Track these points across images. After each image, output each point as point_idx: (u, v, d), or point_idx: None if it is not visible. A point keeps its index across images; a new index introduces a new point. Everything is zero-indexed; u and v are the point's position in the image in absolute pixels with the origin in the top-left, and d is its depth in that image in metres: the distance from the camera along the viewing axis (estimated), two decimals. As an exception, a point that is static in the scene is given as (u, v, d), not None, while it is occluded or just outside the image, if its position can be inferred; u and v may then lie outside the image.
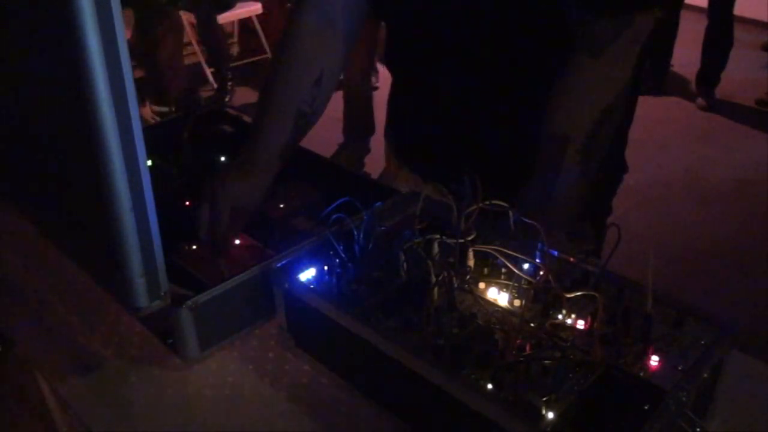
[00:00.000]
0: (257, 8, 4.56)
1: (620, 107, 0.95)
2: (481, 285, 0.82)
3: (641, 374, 0.68)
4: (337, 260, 0.84)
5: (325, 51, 1.08)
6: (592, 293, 0.74)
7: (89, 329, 0.95)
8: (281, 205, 1.12)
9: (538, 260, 0.81)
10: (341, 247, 0.85)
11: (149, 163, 0.72)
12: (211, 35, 4.32)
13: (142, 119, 1.78)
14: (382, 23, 3.75)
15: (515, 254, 0.81)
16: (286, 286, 0.84)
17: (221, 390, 0.84)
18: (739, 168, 3.53)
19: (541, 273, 0.79)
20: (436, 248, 0.84)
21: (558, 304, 0.76)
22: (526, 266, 0.81)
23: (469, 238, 0.84)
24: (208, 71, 4.47)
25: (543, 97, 0.95)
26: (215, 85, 4.41)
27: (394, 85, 1.23)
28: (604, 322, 0.73)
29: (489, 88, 1.04)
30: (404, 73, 1.18)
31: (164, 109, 3.89)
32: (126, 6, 3.47)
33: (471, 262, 0.83)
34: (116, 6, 0.61)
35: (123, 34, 0.63)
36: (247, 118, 1.33)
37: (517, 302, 0.79)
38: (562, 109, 0.95)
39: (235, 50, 4.98)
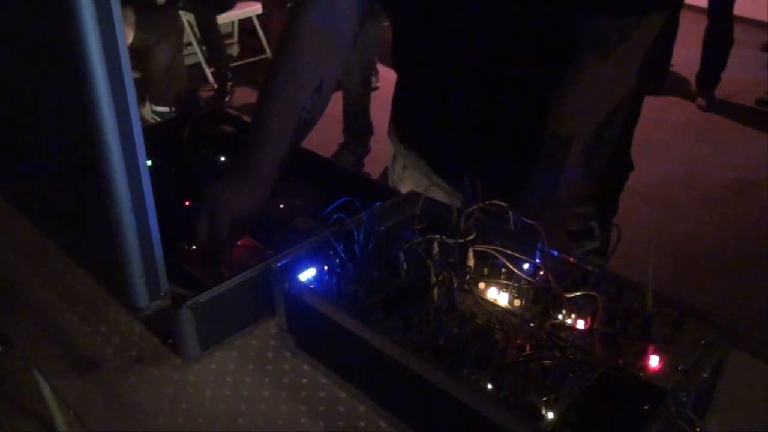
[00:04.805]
0: (257, 8, 4.57)
1: (625, 108, 0.95)
2: (481, 285, 0.82)
3: (641, 374, 0.68)
4: (337, 260, 0.84)
5: (327, 56, 1.06)
6: (592, 293, 0.74)
7: (89, 329, 0.95)
8: (281, 205, 1.11)
9: (538, 260, 0.81)
10: (341, 247, 0.85)
11: (149, 163, 0.72)
12: (210, 35, 4.32)
13: (142, 119, 1.77)
14: (384, 23, 3.73)
15: (515, 254, 0.81)
16: (286, 286, 0.84)
17: (221, 390, 0.84)
18: (739, 168, 3.53)
19: (541, 273, 0.79)
20: (436, 248, 0.84)
21: (558, 304, 0.76)
22: (526, 266, 0.81)
23: (469, 238, 0.84)
24: (208, 71, 4.47)
25: (548, 93, 0.95)
26: (215, 85, 4.41)
27: (400, 83, 1.22)
28: (604, 322, 0.73)
29: (494, 84, 1.03)
30: (410, 69, 1.17)
31: (164, 109, 3.88)
32: (126, 6, 3.47)
33: (471, 262, 0.83)
34: (116, 6, 0.61)
35: (123, 34, 0.63)
36: (247, 118, 1.32)
37: (517, 302, 0.79)
38: (567, 109, 0.95)
39: (235, 50, 4.98)
